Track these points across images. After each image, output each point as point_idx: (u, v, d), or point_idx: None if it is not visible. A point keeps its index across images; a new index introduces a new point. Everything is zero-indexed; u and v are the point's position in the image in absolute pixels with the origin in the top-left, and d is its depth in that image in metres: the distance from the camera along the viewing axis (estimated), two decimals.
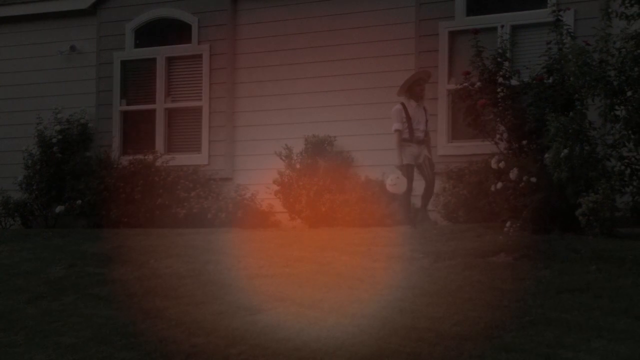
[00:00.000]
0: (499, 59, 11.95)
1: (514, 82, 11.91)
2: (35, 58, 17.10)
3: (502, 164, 11.55)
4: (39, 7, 17.34)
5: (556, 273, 8.76)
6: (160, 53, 16.13)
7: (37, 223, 16.26)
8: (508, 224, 11.07)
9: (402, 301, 8.05)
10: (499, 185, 11.58)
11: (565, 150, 10.76)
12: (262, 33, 15.42)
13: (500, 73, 11.93)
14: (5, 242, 13.10)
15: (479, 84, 11.93)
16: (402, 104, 12.64)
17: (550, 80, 11.56)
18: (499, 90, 11.87)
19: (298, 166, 14.41)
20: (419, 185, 12.80)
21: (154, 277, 9.74)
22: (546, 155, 11.01)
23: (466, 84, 12.04)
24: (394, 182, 12.37)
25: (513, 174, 11.24)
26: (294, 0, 15.24)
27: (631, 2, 10.95)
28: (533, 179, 11.04)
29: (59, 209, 15.81)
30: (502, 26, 13.27)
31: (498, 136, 11.79)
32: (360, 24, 14.69)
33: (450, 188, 13.00)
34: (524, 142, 11.45)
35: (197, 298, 8.68)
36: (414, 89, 12.72)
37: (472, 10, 14.00)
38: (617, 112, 11.08)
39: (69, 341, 7.76)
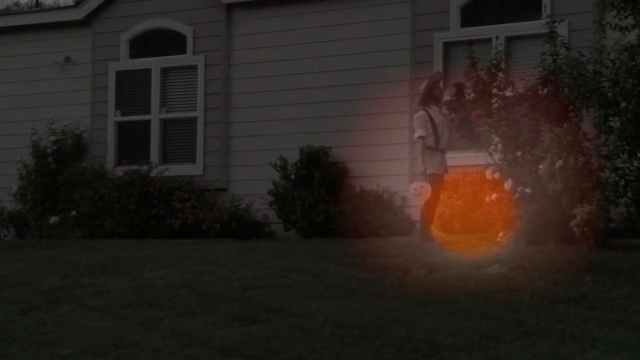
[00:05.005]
0: (493, 70, 11.96)
1: (508, 93, 11.92)
2: (30, 69, 17.10)
3: (496, 175, 11.56)
4: (34, 18, 17.39)
5: (551, 284, 8.77)
6: (155, 64, 16.15)
7: (31, 234, 16.25)
8: (501, 234, 11.08)
9: (396, 312, 8.05)
10: (494, 196, 11.60)
11: (560, 161, 10.78)
12: (257, 44, 15.44)
13: (495, 84, 11.94)
14: None
15: (472, 95, 11.93)
16: (425, 110, 11.85)
17: (545, 92, 11.57)
18: (493, 101, 11.88)
19: (293, 177, 14.42)
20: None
21: (148, 288, 9.73)
22: (541, 166, 11.03)
23: (456, 96, 12.02)
24: (418, 190, 11.49)
25: (507, 184, 11.25)
26: (289, 11, 15.27)
27: (625, 14, 10.98)
28: (527, 190, 11.05)
29: (53, 219, 15.81)
30: (497, 37, 13.30)
31: (492, 147, 11.79)
32: (355, 35, 14.71)
33: (445, 199, 13.00)
34: (519, 153, 11.45)
35: (192, 308, 8.67)
36: (433, 92, 11.96)
37: (467, 21, 14.04)
38: (611, 123, 11.10)
39: (63, 352, 7.74)
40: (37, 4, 20.18)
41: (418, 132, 11.77)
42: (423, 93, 11.91)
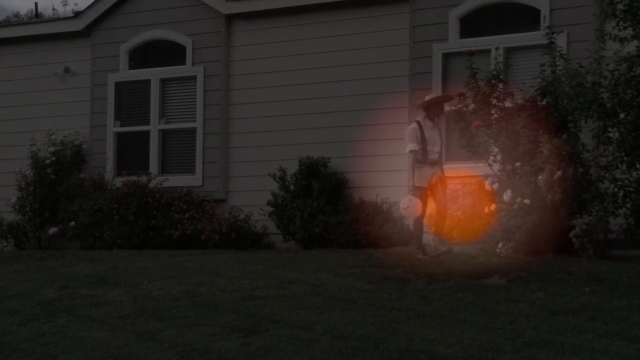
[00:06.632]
0: (493, 81, 11.96)
1: (507, 104, 11.92)
2: (30, 79, 17.11)
3: (495, 186, 11.56)
4: (33, 29, 17.40)
5: (550, 295, 8.76)
6: (155, 74, 16.16)
7: (30, 245, 16.24)
8: (500, 245, 11.07)
9: (395, 323, 8.04)
10: (493, 206, 11.58)
11: (559, 172, 10.78)
12: (256, 55, 15.45)
13: (495, 95, 11.94)
14: None
15: (472, 105, 11.94)
16: (418, 122, 11.81)
17: (544, 102, 11.59)
18: (492, 112, 11.89)
19: (292, 187, 14.41)
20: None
21: (147, 299, 9.72)
22: (540, 177, 11.03)
23: (460, 106, 12.05)
24: (407, 205, 11.58)
25: (507, 195, 11.25)
26: (288, 22, 15.28)
27: (625, 25, 11.00)
28: (527, 201, 11.05)
29: (52, 230, 15.80)
30: (497, 48, 13.30)
31: (492, 158, 11.80)
32: (354, 46, 14.73)
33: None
34: (518, 163, 11.46)
35: (191, 319, 8.66)
36: (432, 109, 11.86)
37: (465, 32, 14.04)
38: (610, 134, 11.11)
39: None
40: (37, 15, 20.15)
41: (409, 146, 11.73)
42: (424, 103, 11.88)
